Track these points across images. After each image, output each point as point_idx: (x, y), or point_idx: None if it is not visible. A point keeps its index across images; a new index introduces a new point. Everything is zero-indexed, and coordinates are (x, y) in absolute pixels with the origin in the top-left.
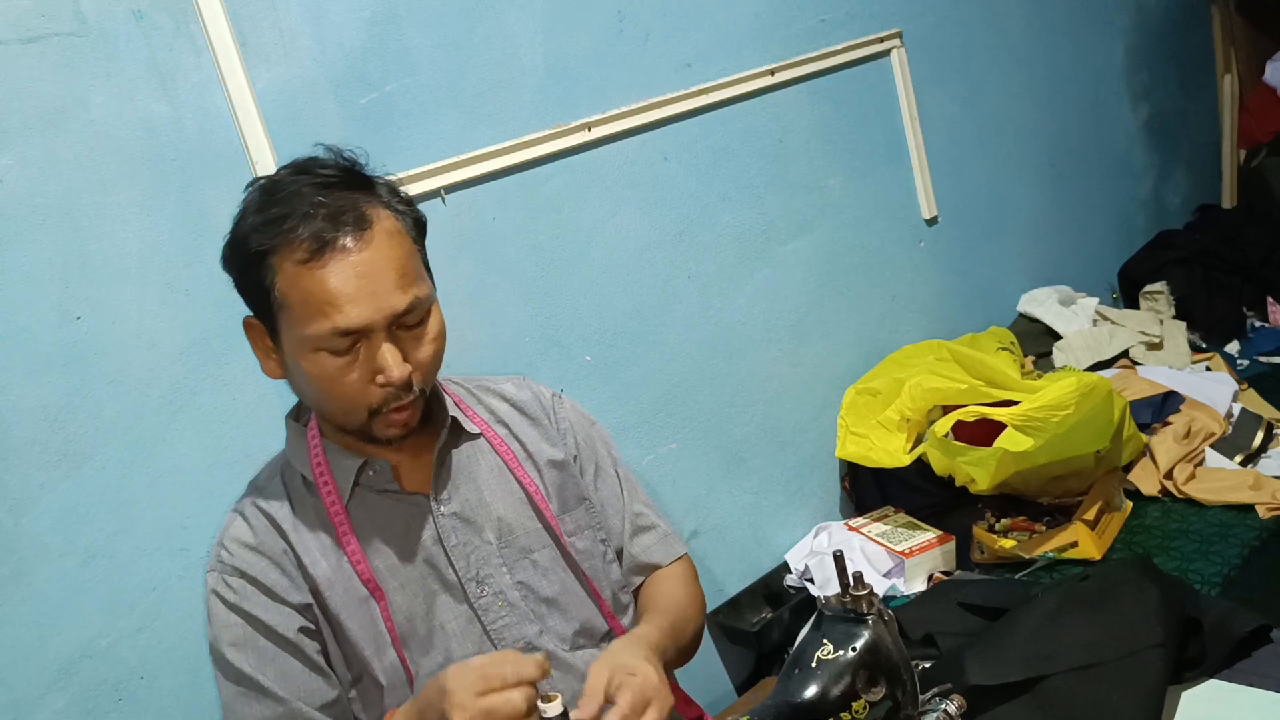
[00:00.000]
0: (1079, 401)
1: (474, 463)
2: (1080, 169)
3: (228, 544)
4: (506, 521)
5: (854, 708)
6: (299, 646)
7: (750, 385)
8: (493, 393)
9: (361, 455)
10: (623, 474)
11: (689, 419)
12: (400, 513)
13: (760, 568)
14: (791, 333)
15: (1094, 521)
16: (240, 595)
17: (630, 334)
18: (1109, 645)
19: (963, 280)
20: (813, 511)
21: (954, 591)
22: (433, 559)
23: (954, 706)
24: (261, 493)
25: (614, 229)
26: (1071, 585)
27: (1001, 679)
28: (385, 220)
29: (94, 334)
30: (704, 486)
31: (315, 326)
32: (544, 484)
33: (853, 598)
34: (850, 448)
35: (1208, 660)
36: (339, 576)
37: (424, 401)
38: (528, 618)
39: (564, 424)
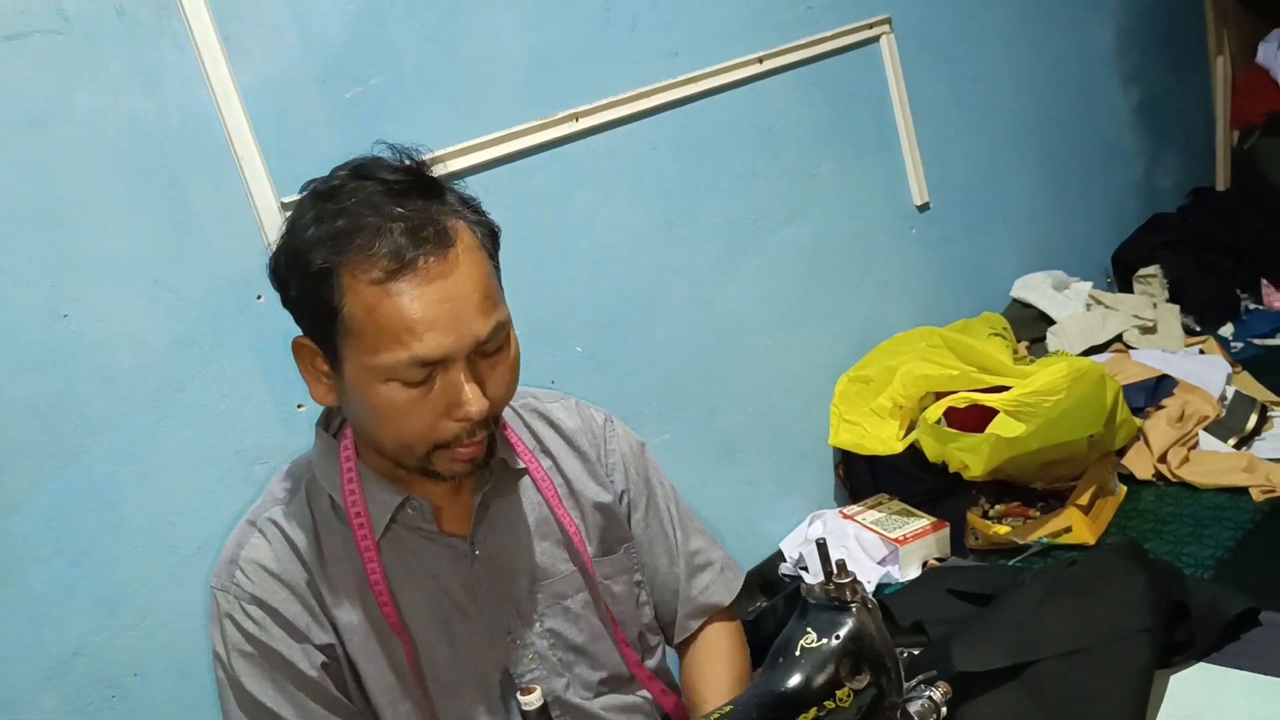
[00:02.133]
0: (1071, 386)
1: (514, 503)
2: (1072, 153)
3: (245, 566)
4: (542, 567)
5: (838, 696)
6: (321, 685)
7: (742, 375)
8: (541, 416)
9: (401, 490)
10: (675, 509)
11: (681, 410)
12: (433, 554)
13: (755, 556)
14: (783, 321)
15: (1088, 506)
16: (260, 626)
17: (621, 325)
18: (1095, 630)
19: (955, 266)
20: (807, 500)
21: (943, 579)
22: (462, 606)
23: (939, 693)
24: (283, 508)
25: (603, 219)
26: (1059, 571)
27: (988, 665)
28: (465, 235)
29: (81, 332)
30: (697, 477)
31: (390, 355)
32: (585, 525)
33: (836, 586)
34: (843, 436)
35: (1196, 644)
36: (360, 618)
37: (492, 434)
38: (555, 670)
39: (614, 458)
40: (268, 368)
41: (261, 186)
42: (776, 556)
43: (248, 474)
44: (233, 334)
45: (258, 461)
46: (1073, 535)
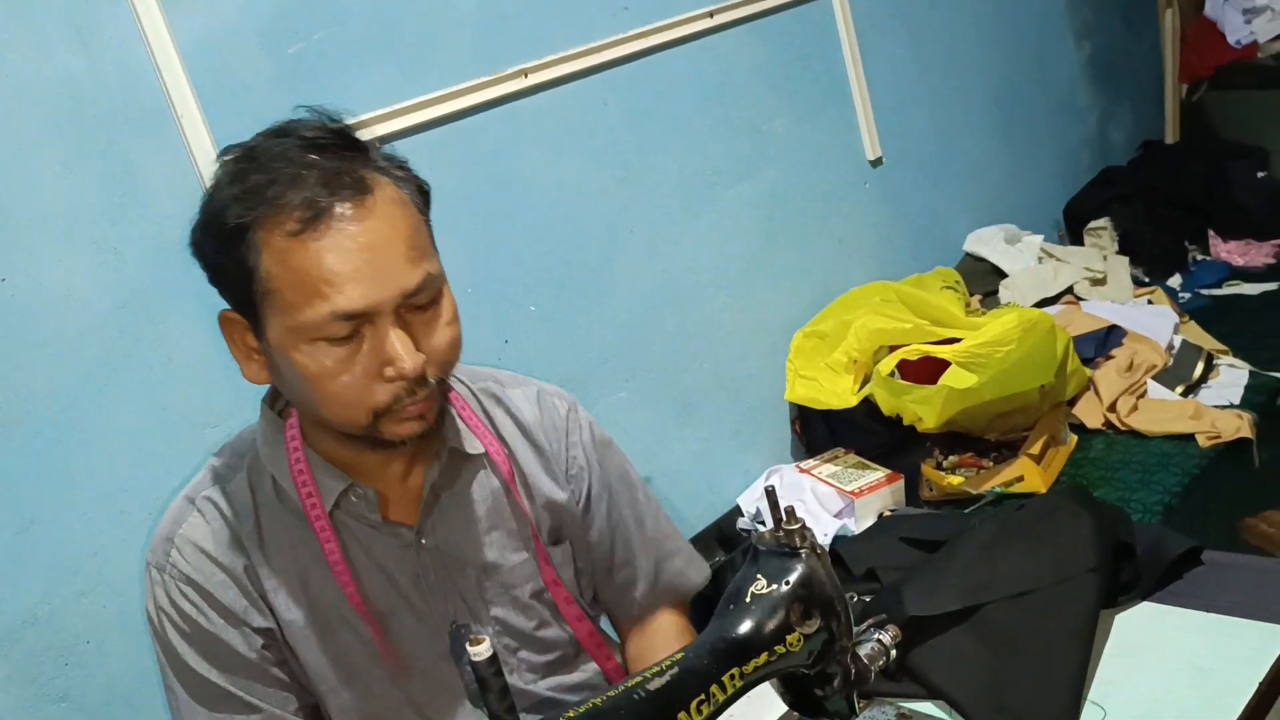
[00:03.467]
0: (1021, 337)
1: (466, 490)
2: (1024, 107)
3: (181, 546)
4: (490, 560)
5: (789, 640)
6: (261, 667)
7: (698, 332)
8: (499, 404)
9: (346, 477)
10: (643, 499)
11: (638, 367)
12: (379, 543)
13: (713, 512)
14: (738, 278)
15: (1039, 456)
16: (197, 609)
17: (576, 283)
18: (1044, 572)
19: (909, 221)
20: (764, 455)
21: (896, 527)
22: (409, 594)
23: (889, 636)
24: (223, 487)
25: (555, 177)
26: (1007, 516)
27: (939, 609)
28: (387, 187)
29: (20, 297)
30: (655, 434)
31: (310, 311)
32: (536, 516)
33: (785, 532)
34: (799, 390)
35: (1140, 583)
36: (303, 605)
37: (443, 395)
38: (501, 657)
39: (574, 452)
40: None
41: (203, 145)
42: (734, 512)
43: (198, 439)
44: (178, 296)
45: (207, 425)
46: (1025, 484)
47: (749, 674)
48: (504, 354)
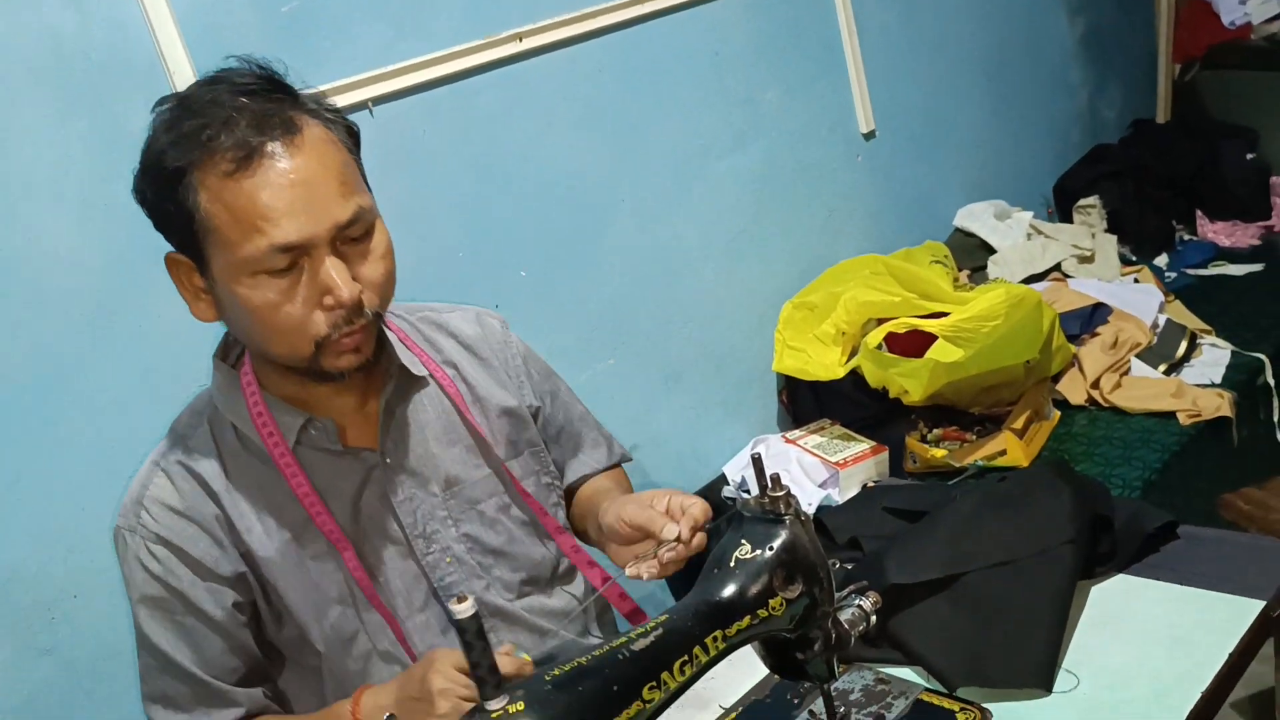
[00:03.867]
0: (1008, 312)
1: (420, 410)
2: (1017, 83)
3: (150, 506)
4: (453, 474)
5: (771, 604)
6: (225, 626)
7: (688, 302)
8: (439, 327)
9: (303, 411)
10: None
11: (627, 335)
12: (344, 470)
13: (699, 480)
14: (728, 249)
15: (1022, 430)
16: (165, 567)
17: (567, 250)
18: (1023, 543)
19: (900, 195)
20: (751, 425)
21: (879, 497)
22: (378, 516)
23: (869, 602)
24: (186, 444)
25: (548, 143)
26: (989, 487)
27: (919, 577)
28: (315, 127)
29: (8, 254)
30: (643, 402)
31: (249, 246)
32: (492, 430)
33: (770, 499)
34: (787, 361)
35: (1118, 556)
36: (279, 540)
37: (376, 328)
38: (475, 572)
39: (515, 362)
40: None
41: None
42: (720, 480)
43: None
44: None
45: (194, 384)
46: (1007, 458)
47: (731, 636)
48: None
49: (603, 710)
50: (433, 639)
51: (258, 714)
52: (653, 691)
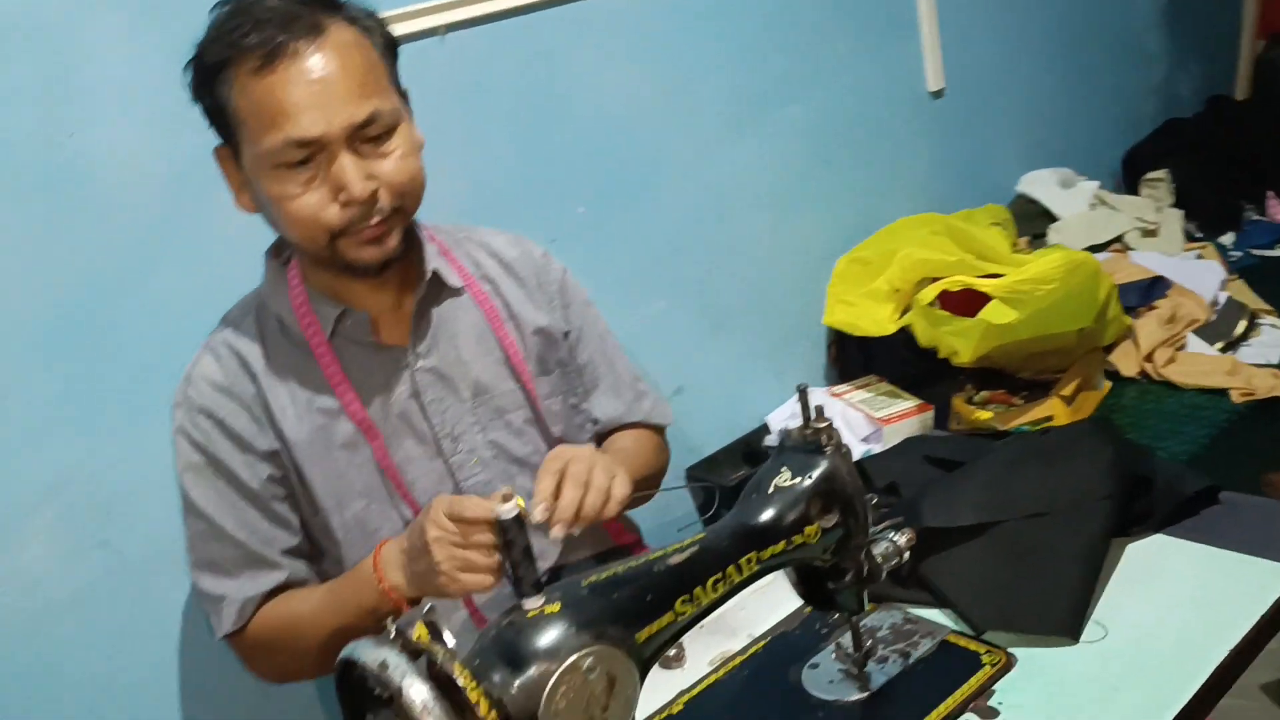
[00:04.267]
0: (1065, 277)
1: (455, 318)
2: (1092, 50)
3: (196, 381)
4: (483, 382)
5: (807, 532)
6: (262, 497)
7: (740, 248)
8: (481, 246)
9: (341, 304)
10: (613, 340)
11: (678, 279)
12: (377, 365)
13: (741, 428)
14: (784, 198)
15: (1071, 398)
16: (207, 437)
17: (623, 189)
18: (1060, 495)
19: (963, 156)
20: (796, 376)
21: (921, 446)
22: (408, 414)
23: (904, 539)
24: (234, 330)
25: (607, 81)
26: (1031, 439)
27: (953, 522)
28: (344, 31)
29: (81, 157)
30: (689, 346)
31: (270, 139)
32: (524, 346)
33: (813, 430)
34: (838, 315)
35: (1155, 515)
36: (310, 425)
37: (402, 227)
38: (499, 476)
39: (552, 287)
40: None
41: None
42: (762, 429)
43: None
44: None
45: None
46: (1053, 425)
47: (765, 559)
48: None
49: (635, 617)
50: None
51: (298, 584)
52: (685, 605)
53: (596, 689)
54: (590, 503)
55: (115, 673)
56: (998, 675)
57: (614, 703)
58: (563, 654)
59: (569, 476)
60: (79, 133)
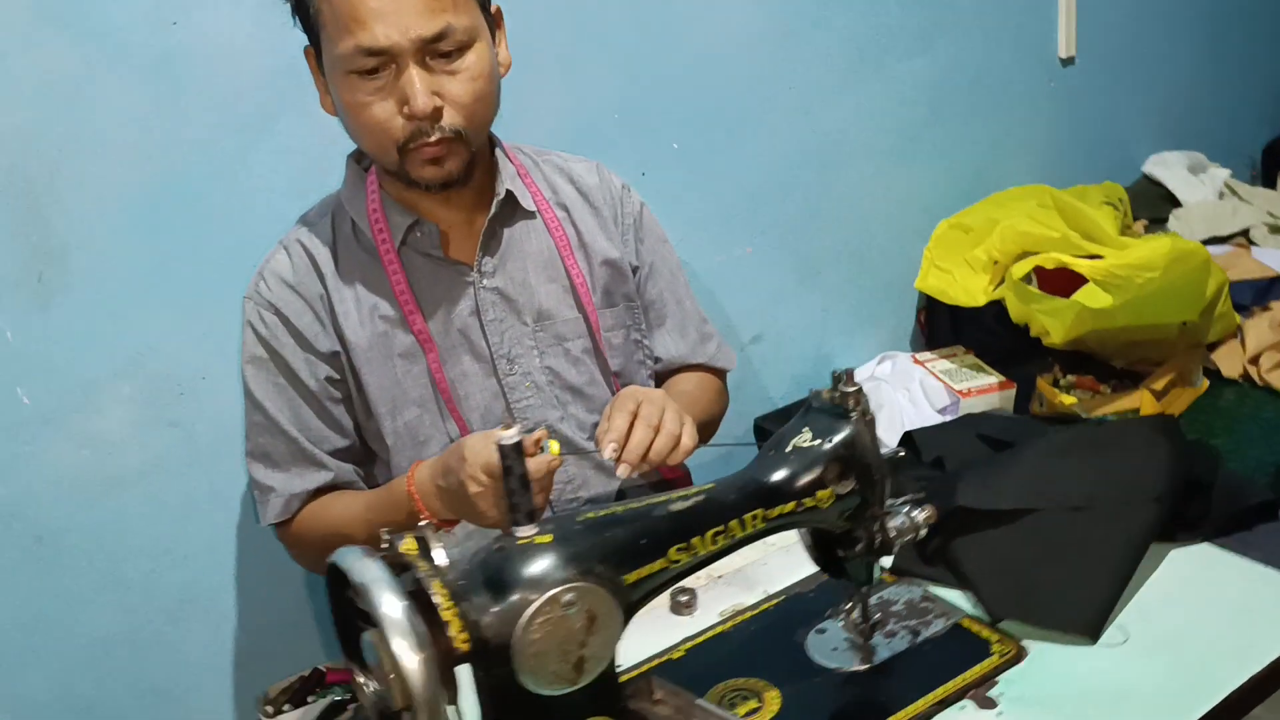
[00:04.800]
0: (1168, 266)
1: (525, 241)
2: (1241, 31)
3: (267, 276)
4: (546, 308)
5: (819, 495)
6: (319, 397)
7: (838, 200)
8: (560, 171)
9: (413, 214)
10: (683, 280)
11: (769, 224)
12: (442, 279)
13: (816, 383)
14: (891, 154)
15: (1162, 392)
16: (271, 333)
17: (722, 127)
18: (1105, 490)
19: (1088, 130)
20: (881, 338)
21: (977, 423)
22: (467, 330)
23: (922, 515)
24: (310, 229)
25: (722, 13)
26: (1084, 429)
27: (989, 505)
28: None
29: (186, 44)
30: (773, 294)
31: (343, 44)
32: (591, 276)
33: (840, 394)
34: (931, 280)
35: (1207, 523)
36: (370, 331)
37: (467, 149)
38: (551, 402)
39: (628, 220)
40: None
41: None
42: None
43: None
44: None
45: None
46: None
47: (772, 518)
48: (639, 185)
49: (626, 559)
50: None
51: (345, 486)
52: (680, 553)
53: (575, 624)
54: (659, 447)
55: (174, 543)
56: (1005, 666)
57: (592, 639)
58: (544, 585)
59: (641, 418)
60: (182, 20)
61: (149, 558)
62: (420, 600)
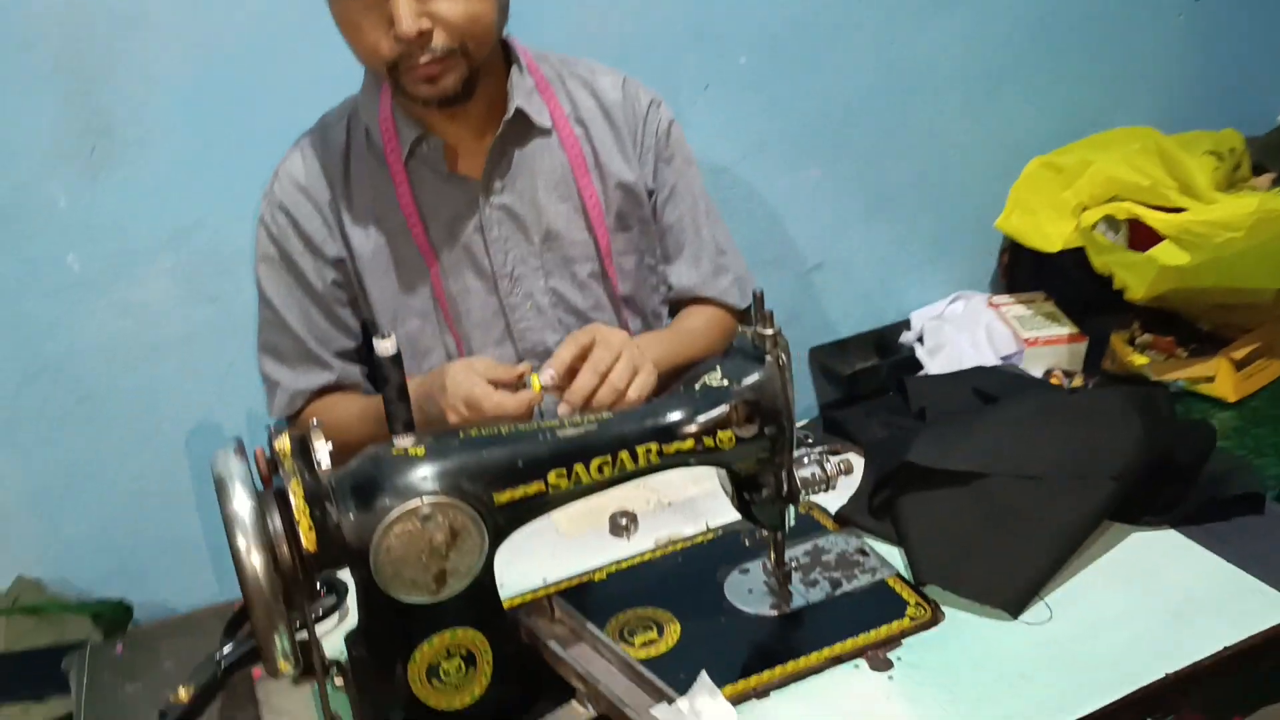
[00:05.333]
0: (1254, 227)
1: (537, 158)
2: None
3: (281, 177)
4: (555, 229)
5: (720, 437)
6: (325, 299)
7: (919, 130)
8: (584, 84)
9: (421, 127)
10: (705, 207)
11: (839, 149)
12: (448, 194)
13: (880, 319)
14: (983, 85)
15: (1243, 362)
16: (282, 234)
17: (795, 46)
18: (1062, 463)
19: (1215, 71)
20: (957, 277)
21: (976, 377)
22: (471, 247)
23: (831, 466)
24: (325, 133)
25: None
26: (1058, 396)
27: (938, 464)
28: None
29: None
30: (840, 222)
31: None
32: (605, 198)
33: (759, 335)
34: (1013, 221)
35: (1178, 509)
36: (375, 240)
37: (466, 64)
38: (552, 325)
39: (650, 139)
40: None
41: None
42: (902, 326)
43: None
44: None
45: None
46: (1214, 387)
47: (669, 454)
48: (700, 99)
49: (498, 479)
50: None
51: (349, 388)
52: (560, 479)
53: (436, 538)
54: (601, 397)
55: (207, 412)
56: (914, 630)
57: (455, 553)
58: (406, 496)
59: (590, 362)
60: None
61: (183, 422)
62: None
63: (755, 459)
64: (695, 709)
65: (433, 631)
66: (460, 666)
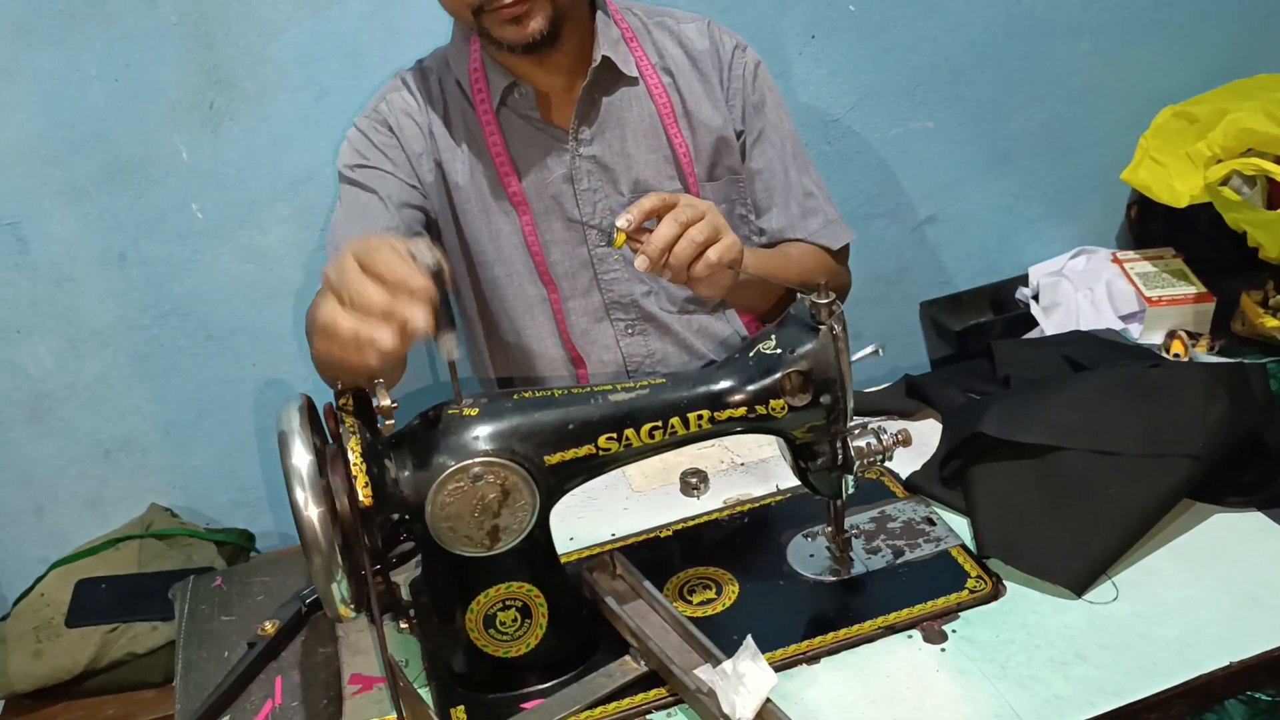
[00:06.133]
0: None
1: (626, 108)
2: None
3: (390, 99)
4: (644, 179)
5: (773, 405)
6: (401, 220)
7: (1044, 79)
8: (670, 33)
9: (511, 76)
10: (793, 149)
11: (956, 99)
12: (539, 142)
13: (997, 273)
14: (1117, 29)
15: None
16: (381, 143)
17: None
18: (1140, 440)
19: None
20: (1081, 231)
21: (1067, 344)
22: (560, 197)
23: (889, 438)
24: (424, 74)
25: None
26: (1139, 370)
27: (1010, 436)
28: None
29: None
30: (956, 174)
31: None
32: (694, 146)
33: (814, 305)
34: (1141, 174)
35: (1266, 492)
36: (472, 181)
37: (550, 7)
38: (640, 276)
39: (737, 83)
40: None
41: None
42: (1019, 280)
43: None
44: None
45: None
46: None
47: (720, 421)
48: (807, 48)
49: (549, 441)
50: (588, 324)
51: None
52: (611, 442)
53: (488, 496)
54: (679, 251)
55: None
56: (973, 603)
57: (508, 511)
58: (460, 455)
59: (672, 214)
60: None
61: (301, 362)
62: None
63: (808, 427)
64: (738, 671)
65: (489, 585)
66: (515, 618)
